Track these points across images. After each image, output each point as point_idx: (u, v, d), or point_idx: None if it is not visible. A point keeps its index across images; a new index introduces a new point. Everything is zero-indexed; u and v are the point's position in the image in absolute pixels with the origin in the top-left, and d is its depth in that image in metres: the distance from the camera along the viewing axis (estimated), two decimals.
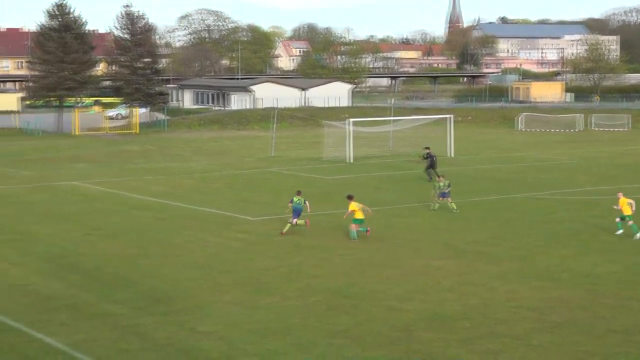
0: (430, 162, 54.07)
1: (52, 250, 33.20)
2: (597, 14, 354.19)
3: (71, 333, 22.57)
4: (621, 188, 43.52)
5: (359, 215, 34.98)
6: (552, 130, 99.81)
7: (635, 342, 21.92)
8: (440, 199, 42.17)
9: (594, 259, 31.44)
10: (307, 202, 36.48)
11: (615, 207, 36.44)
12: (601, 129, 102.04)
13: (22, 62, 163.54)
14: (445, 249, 33.45)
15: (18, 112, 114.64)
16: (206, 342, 21.88)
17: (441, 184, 42.56)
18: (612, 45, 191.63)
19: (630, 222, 35.51)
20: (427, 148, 55.65)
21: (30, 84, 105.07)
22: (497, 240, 34.97)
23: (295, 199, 36.24)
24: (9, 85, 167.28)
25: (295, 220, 36.01)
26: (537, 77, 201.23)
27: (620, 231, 35.81)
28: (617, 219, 36.05)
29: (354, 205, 35.18)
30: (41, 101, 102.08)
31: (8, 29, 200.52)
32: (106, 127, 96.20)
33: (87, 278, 28.81)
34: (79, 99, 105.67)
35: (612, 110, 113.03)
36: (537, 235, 36.00)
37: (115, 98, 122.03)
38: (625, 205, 35.68)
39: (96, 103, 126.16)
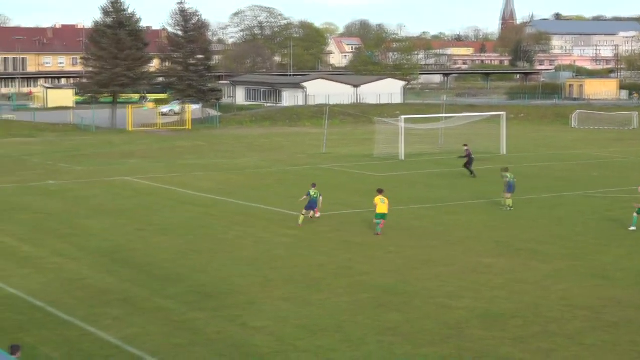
0: (469, 160, 54.02)
1: (106, 244, 33.48)
2: None
3: (124, 327, 22.75)
4: None
5: (381, 209, 35.05)
6: (607, 127, 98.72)
7: None
8: (507, 194, 41.67)
9: None
10: (321, 196, 37.75)
11: (635, 204, 36.43)
12: None
13: (77, 58, 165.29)
14: (497, 246, 33.21)
15: (73, 108, 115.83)
16: (257, 337, 21.93)
17: (507, 175, 42.06)
18: None
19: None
20: (465, 145, 55.59)
21: (84, 80, 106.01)
22: (550, 239, 34.64)
23: (311, 191, 37.64)
24: (63, 81, 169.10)
25: (310, 212, 37.56)
26: (591, 74, 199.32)
27: (633, 228, 35.68)
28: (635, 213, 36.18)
29: (376, 199, 35.31)
30: (87, 97, 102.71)
31: (63, 26, 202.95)
32: (159, 123, 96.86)
33: (139, 273, 29.03)
34: (142, 97, 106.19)
35: None
36: (592, 234, 35.63)
37: (162, 94, 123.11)
38: None
39: (143, 99, 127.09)
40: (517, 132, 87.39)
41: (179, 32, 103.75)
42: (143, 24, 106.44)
